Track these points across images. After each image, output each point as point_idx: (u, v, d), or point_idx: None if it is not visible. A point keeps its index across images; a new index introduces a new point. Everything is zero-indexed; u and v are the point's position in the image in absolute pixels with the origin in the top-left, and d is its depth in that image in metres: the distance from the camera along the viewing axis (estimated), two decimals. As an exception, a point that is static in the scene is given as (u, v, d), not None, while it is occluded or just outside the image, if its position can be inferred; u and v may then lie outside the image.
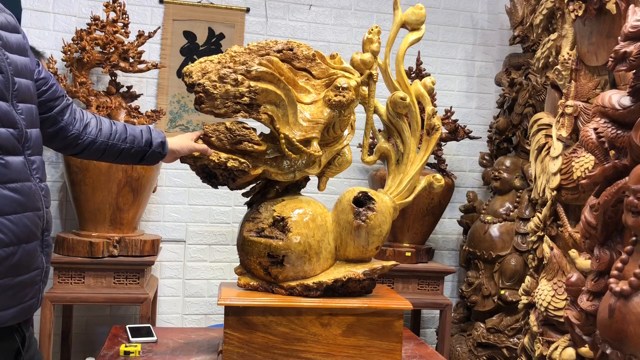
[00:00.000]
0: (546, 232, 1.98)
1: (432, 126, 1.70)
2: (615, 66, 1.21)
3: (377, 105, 1.70)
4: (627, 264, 1.09)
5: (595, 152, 1.55)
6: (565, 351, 1.75)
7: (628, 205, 1.08)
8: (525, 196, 2.85)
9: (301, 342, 1.49)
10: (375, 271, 1.57)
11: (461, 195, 3.36)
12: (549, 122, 2.01)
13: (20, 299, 1.11)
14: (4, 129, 1.08)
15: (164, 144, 1.47)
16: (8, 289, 1.09)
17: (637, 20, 1.19)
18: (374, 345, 1.52)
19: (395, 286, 2.84)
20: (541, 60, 2.16)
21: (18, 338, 1.15)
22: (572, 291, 1.47)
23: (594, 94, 1.81)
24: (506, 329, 2.85)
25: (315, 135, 1.52)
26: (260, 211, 1.57)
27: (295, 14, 3.25)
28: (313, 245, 1.52)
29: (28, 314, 1.16)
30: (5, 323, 1.09)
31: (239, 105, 1.46)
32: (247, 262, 1.57)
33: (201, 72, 1.46)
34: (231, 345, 1.46)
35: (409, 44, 1.68)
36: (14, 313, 1.11)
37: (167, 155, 1.49)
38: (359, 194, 1.58)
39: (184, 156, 1.50)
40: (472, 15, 3.47)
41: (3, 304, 1.08)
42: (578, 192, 1.78)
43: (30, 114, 1.18)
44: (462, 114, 3.36)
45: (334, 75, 1.57)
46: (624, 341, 1.05)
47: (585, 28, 1.84)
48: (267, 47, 1.51)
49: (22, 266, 1.11)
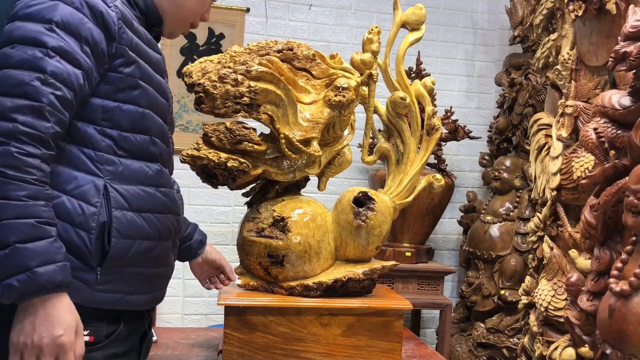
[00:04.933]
0: (546, 232, 1.98)
1: (432, 126, 1.70)
2: (615, 66, 1.21)
3: (377, 105, 1.70)
4: (627, 264, 1.09)
5: (595, 152, 1.56)
6: (565, 351, 1.75)
7: (628, 205, 1.08)
8: (525, 196, 2.86)
9: (301, 342, 1.49)
10: (375, 271, 1.57)
11: (461, 195, 3.36)
12: (549, 122, 2.01)
13: (153, 287, 1.26)
14: (164, 145, 1.29)
15: (203, 243, 1.62)
16: (146, 278, 1.22)
17: (637, 20, 1.19)
18: (374, 345, 1.52)
19: (395, 286, 2.84)
20: (541, 60, 2.17)
21: (146, 322, 1.31)
22: (572, 291, 1.47)
23: (594, 94, 1.81)
24: (506, 329, 2.85)
25: (315, 135, 1.52)
26: (260, 211, 1.57)
27: (295, 14, 3.25)
28: (313, 245, 1.52)
29: (156, 302, 1.31)
30: (139, 307, 1.23)
31: (239, 105, 1.46)
32: (247, 262, 1.57)
33: (201, 72, 1.46)
34: (231, 345, 1.46)
35: (409, 44, 1.68)
36: (147, 299, 1.24)
37: (199, 256, 1.61)
38: (359, 194, 1.58)
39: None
40: (472, 15, 3.47)
41: (140, 289, 1.21)
42: (578, 192, 1.78)
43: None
44: (462, 114, 3.36)
45: (334, 75, 1.56)
46: (624, 341, 1.05)
47: (585, 28, 1.84)
48: (267, 47, 1.51)
49: (159, 260, 1.25)
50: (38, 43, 1.04)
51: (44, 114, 1.01)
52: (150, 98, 1.22)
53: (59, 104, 1.04)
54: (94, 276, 1.11)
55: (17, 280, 0.97)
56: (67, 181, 1.10)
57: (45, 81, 1.02)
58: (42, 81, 1.02)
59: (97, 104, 1.14)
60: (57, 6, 1.07)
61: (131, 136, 1.18)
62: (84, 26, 1.09)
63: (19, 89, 1.00)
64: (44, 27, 1.05)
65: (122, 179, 1.16)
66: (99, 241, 1.11)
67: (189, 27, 1.40)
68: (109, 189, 1.13)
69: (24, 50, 1.03)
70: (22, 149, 0.99)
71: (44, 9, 1.06)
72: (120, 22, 1.14)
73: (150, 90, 1.22)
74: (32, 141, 1.00)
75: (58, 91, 1.03)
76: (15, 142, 0.98)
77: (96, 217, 1.11)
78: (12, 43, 1.04)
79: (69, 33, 1.07)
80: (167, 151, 1.32)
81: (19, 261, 0.97)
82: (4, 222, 0.97)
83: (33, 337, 0.99)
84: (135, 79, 1.18)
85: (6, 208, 0.97)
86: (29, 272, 0.97)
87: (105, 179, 1.14)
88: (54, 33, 1.05)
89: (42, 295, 1.00)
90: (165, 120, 1.30)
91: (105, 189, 1.13)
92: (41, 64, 1.02)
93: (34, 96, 1.01)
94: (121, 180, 1.16)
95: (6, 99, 0.99)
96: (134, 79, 1.18)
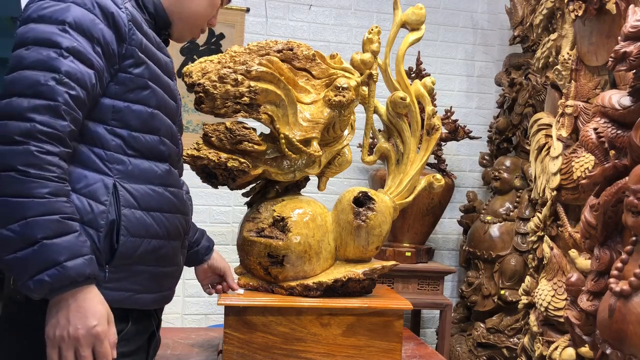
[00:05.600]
0: (546, 232, 1.98)
1: (432, 126, 1.70)
2: (615, 66, 1.21)
3: (377, 105, 1.70)
4: (627, 264, 1.09)
5: (595, 152, 1.56)
6: (565, 351, 1.75)
7: (628, 205, 1.08)
8: (525, 196, 2.85)
9: (301, 342, 1.49)
10: (375, 271, 1.57)
11: (461, 195, 3.36)
12: (549, 122, 2.01)
13: (161, 287, 1.26)
14: (173, 146, 1.30)
15: (210, 249, 1.61)
16: (154, 276, 1.23)
17: (637, 20, 1.19)
18: (374, 345, 1.52)
19: (395, 286, 2.84)
20: (541, 60, 2.17)
21: (154, 322, 1.30)
22: (572, 291, 1.48)
23: (594, 94, 1.81)
24: (506, 329, 2.85)
25: (315, 135, 1.52)
26: (260, 211, 1.57)
27: (295, 14, 3.25)
28: (313, 245, 1.52)
29: (165, 302, 1.31)
30: (148, 306, 1.24)
31: (239, 105, 1.46)
32: (247, 262, 1.57)
33: (201, 72, 1.46)
34: (231, 345, 1.46)
35: (409, 44, 1.68)
36: (156, 298, 1.25)
37: (206, 262, 1.60)
38: (359, 194, 1.58)
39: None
40: (472, 15, 3.47)
41: (149, 288, 1.22)
42: (578, 192, 1.78)
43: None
44: (462, 114, 3.36)
45: (334, 75, 1.56)
46: (624, 341, 1.05)
47: (585, 28, 1.84)
48: (267, 47, 1.51)
49: (168, 259, 1.26)
50: (52, 44, 1.05)
51: (60, 113, 1.03)
52: (159, 99, 1.23)
53: (73, 103, 1.06)
54: (103, 274, 1.12)
55: (47, 275, 0.99)
56: (76, 180, 1.11)
57: (60, 81, 1.04)
58: (57, 81, 1.04)
59: (107, 104, 1.16)
60: (69, 8, 1.08)
61: (141, 136, 1.20)
62: (95, 27, 1.10)
63: (34, 89, 1.02)
64: (57, 28, 1.06)
65: (132, 178, 1.18)
66: (107, 239, 1.12)
67: (199, 32, 1.41)
68: (119, 188, 1.15)
69: (39, 51, 1.04)
70: (42, 148, 1.01)
71: (56, 11, 1.08)
72: (130, 23, 1.16)
73: (159, 91, 1.23)
74: (50, 140, 1.02)
75: (72, 90, 1.05)
76: (35, 141, 1.00)
77: (105, 216, 1.12)
78: (26, 45, 1.05)
79: (81, 34, 1.08)
80: (176, 152, 1.33)
81: (48, 256, 0.99)
82: (30, 220, 0.99)
83: (69, 329, 1.02)
84: (145, 80, 1.19)
85: (31, 206, 0.99)
86: (59, 267, 0.99)
87: (114, 178, 1.15)
88: (67, 34, 1.07)
89: (72, 288, 1.02)
90: (174, 121, 1.31)
91: (114, 188, 1.14)
92: (56, 64, 1.04)
93: (50, 95, 1.02)
94: (130, 180, 1.17)
95: (22, 99, 1.01)
96: (143, 79, 1.19)
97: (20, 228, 0.98)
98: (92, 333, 1.03)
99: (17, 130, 0.99)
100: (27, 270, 0.99)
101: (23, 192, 0.99)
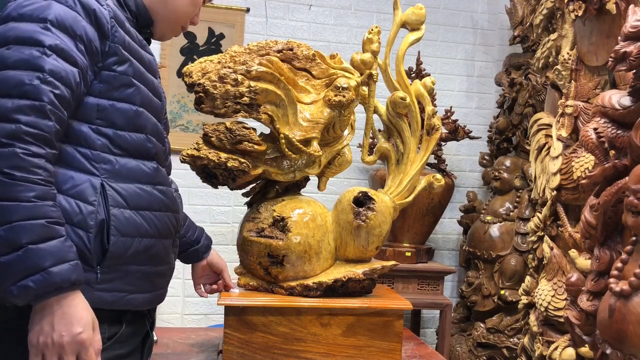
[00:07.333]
0: (546, 232, 1.98)
1: (432, 126, 1.70)
2: (615, 66, 1.21)
3: (377, 105, 1.70)
4: (627, 264, 1.09)
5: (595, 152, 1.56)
6: (565, 351, 1.75)
7: (628, 205, 1.08)
8: (525, 196, 2.86)
9: (301, 342, 1.49)
10: (375, 271, 1.57)
11: (461, 195, 3.36)
12: (549, 122, 2.01)
13: (154, 286, 1.25)
14: (160, 144, 1.28)
15: (209, 247, 1.60)
16: (147, 276, 1.22)
17: (637, 20, 1.19)
18: (374, 345, 1.52)
19: (395, 286, 2.84)
20: (541, 60, 2.17)
21: (147, 323, 1.30)
22: (572, 291, 1.47)
23: (594, 94, 1.81)
24: (506, 329, 2.85)
25: (315, 135, 1.52)
26: (260, 211, 1.57)
27: (295, 14, 3.25)
28: (313, 245, 1.52)
29: (158, 301, 1.29)
30: (142, 306, 1.22)
31: (239, 105, 1.46)
32: (247, 262, 1.57)
33: (201, 72, 1.46)
34: (231, 345, 1.46)
35: (409, 44, 1.68)
36: (149, 298, 1.23)
37: (204, 259, 1.59)
38: (359, 194, 1.58)
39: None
40: (472, 15, 3.47)
41: (142, 288, 1.21)
42: (578, 192, 1.78)
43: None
44: (462, 114, 3.36)
45: (334, 75, 1.56)
46: (624, 341, 1.05)
47: (585, 28, 1.84)
48: (267, 47, 1.51)
49: (159, 258, 1.25)
50: (35, 42, 1.03)
51: (46, 113, 1.01)
52: (143, 96, 1.21)
53: (58, 103, 1.03)
54: (94, 275, 1.10)
55: (32, 281, 0.97)
56: (63, 181, 1.09)
57: (45, 80, 1.01)
58: (42, 80, 1.01)
59: (92, 103, 1.13)
60: (50, 5, 1.06)
61: (127, 134, 1.18)
62: (78, 24, 1.08)
63: (19, 89, 0.99)
64: (39, 26, 1.04)
65: (119, 177, 1.16)
66: (98, 240, 1.11)
67: (180, 30, 1.39)
68: (106, 188, 1.13)
69: (21, 50, 1.02)
70: (28, 150, 0.98)
71: (37, 9, 1.05)
72: (112, 20, 1.14)
73: (143, 89, 1.22)
74: (36, 141, 0.99)
75: (57, 90, 1.03)
76: (20, 142, 0.98)
77: (94, 216, 1.10)
78: (7, 44, 1.02)
79: (63, 31, 1.06)
80: (163, 150, 1.31)
81: (32, 262, 0.97)
82: (15, 224, 0.96)
83: (53, 336, 1.00)
84: (129, 77, 1.18)
85: (16, 209, 0.97)
86: (44, 273, 0.97)
87: (102, 178, 1.13)
88: (49, 32, 1.04)
89: (57, 294, 1.00)
90: (159, 119, 1.30)
91: (102, 188, 1.12)
92: (39, 62, 1.02)
93: (35, 95, 1.00)
94: (118, 179, 1.16)
95: (7, 100, 0.99)
96: (128, 77, 1.17)
97: (5, 232, 0.96)
98: (76, 340, 1.01)
99: (3, 131, 0.97)
100: (11, 275, 0.96)
101: (8, 196, 0.96)
